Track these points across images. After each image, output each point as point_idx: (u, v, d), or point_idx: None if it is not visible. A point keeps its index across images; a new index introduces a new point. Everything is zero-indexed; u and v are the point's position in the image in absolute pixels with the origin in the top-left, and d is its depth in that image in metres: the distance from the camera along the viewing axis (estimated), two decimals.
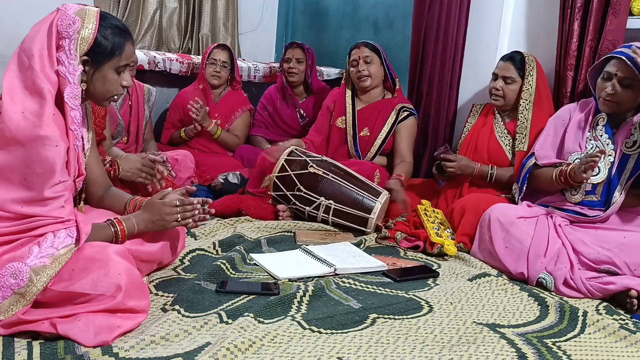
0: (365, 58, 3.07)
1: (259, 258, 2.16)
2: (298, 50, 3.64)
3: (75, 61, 1.58)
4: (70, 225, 1.54)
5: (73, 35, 1.57)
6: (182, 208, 1.75)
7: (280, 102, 3.74)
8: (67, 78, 1.57)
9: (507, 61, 2.73)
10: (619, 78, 2.20)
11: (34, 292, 1.45)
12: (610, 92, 2.21)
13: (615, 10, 2.51)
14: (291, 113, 3.70)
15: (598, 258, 2.09)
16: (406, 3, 3.78)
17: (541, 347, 1.62)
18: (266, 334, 1.55)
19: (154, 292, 1.82)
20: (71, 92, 1.58)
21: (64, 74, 1.57)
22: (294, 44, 3.69)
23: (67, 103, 1.58)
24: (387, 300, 1.88)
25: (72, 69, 1.58)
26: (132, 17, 4.26)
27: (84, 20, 1.59)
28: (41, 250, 1.48)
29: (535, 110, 2.68)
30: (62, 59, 1.57)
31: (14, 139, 1.48)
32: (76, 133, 1.63)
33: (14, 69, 1.56)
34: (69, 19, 1.58)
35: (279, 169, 2.73)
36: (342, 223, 2.63)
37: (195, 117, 3.31)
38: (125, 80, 1.70)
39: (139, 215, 1.74)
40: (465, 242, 2.44)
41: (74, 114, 1.60)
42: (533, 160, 2.45)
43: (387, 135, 3.09)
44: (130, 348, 1.44)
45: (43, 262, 1.46)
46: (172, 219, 1.74)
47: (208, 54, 3.57)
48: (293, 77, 3.64)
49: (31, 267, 1.45)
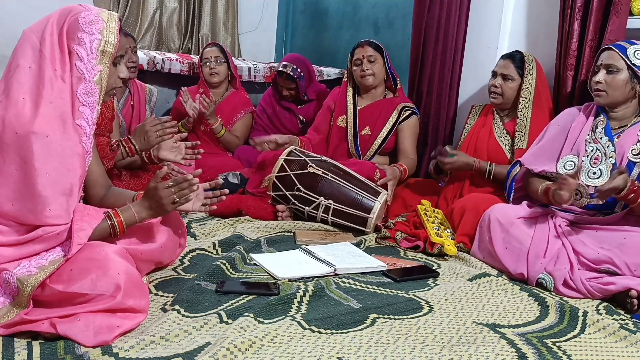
0: (369, 57, 3.06)
1: (259, 258, 2.16)
2: (288, 82, 3.53)
3: (95, 60, 1.59)
4: (65, 240, 1.54)
5: (95, 33, 1.58)
6: (176, 188, 1.67)
7: (279, 106, 3.71)
8: (84, 75, 1.58)
9: (507, 59, 2.73)
10: (605, 66, 2.23)
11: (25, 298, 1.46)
12: (597, 81, 2.24)
13: (617, 10, 2.51)
14: (290, 117, 3.67)
15: (598, 258, 2.09)
16: (406, 3, 3.78)
17: (541, 347, 1.62)
18: (266, 334, 1.55)
19: (154, 292, 1.82)
20: (84, 89, 1.59)
21: (81, 70, 1.57)
22: (283, 73, 3.51)
23: (78, 98, 1.58)
24: (387, 300, 1.88)
25: (91, 67, 1.59)
26: (132, 17, 4.27)
27: (107, 23, 1.61)
28: (30, 263, 1.50)
29: (535, 110, 2.68)
30: (81, 54, 1.57)
31: (11, 126, 1.49)
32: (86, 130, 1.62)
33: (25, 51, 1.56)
34: (92, 16, 1.60)
35: (278, 169, 2.73)
36: (342, 223, 2.63)
37: (204, 110, 3.31)
38: (122, 72, 1.71)
39: (138, 204, 1.70)
40: (465, 242, 2.44)
41: (83, 110, 1.60)
42: (517, 169, 2.45)
43: (387, 135, 3.09)
44: (130, 348, 1.44)
45: (30, 271, 1.48)
46: (169, 200, 1.67)
47: (200, 56, 3.59)
48: (285, 92, 3.60)
49: (18, 276, 1.46)
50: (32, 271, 1.47)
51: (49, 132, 1.51)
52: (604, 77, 2.23)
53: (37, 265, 1.49)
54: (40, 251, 1.53)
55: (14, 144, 1.49)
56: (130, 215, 1.68)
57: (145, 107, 3.26)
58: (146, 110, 3.26)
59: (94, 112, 1.63)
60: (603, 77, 2.23)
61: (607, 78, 2.23)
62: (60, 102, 1.56)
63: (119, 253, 1.57)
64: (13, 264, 1.49)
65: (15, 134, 1.49)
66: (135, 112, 3.19)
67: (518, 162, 2.47)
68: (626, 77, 2.21)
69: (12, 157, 1.50)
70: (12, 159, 1.50)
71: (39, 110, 1.52)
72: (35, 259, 1.51)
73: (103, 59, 1.61)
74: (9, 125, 1.50)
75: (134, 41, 3.16)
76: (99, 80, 1.62)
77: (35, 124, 1.50)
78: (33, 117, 1.50)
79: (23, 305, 1.47)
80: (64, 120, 1.56)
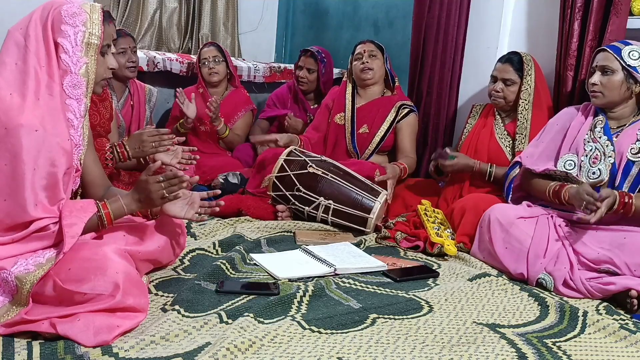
0: (371, 52, 3.10)
1: (259, 258, 2.16)
2: (310, 60, 3.58)
3: (80, 52, 1.59)
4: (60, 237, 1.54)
5: (79, 25, 1.58)
6: (166, 183, 1.68)
7: (291, 103, 3.70)
8: (70, 67, 1.58)
9: (506, 63, 2.72)
10: (600, 67, 2.24)
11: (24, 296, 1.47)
12: (593, 82, 2.24)
13: (617, 10, 2.51)
14: (302, 116, 3.66)
15: (598, 258, 2.08)
16: (406, 3, 3.78)
17: (541, 347, 1.62)
18: (266, 334, 1.55)
19: (154, 292, 1.82)
20: (71, 81, 1.59)
21: (67, 63, 1.57)
22: (308, 51, 3.60)
23: (65, 91, 1.58)
24: (387, 300, 1.88)
25: (76, 59, 1.59)
26: (132, 17, 4.27)
27: (90, 14, 1.61)
28: (28, 261, 1.50)
29: (535, 111, 2.68)
30: (66, 47, 1.58)
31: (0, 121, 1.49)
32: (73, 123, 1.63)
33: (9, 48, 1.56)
34: (75, 8, 1.60)
35: (278, 169, 2.73)
36: (342, 223, 2.62)
37: (210, 114, 3.31)
38: (111, 63, 1.71)
39: (127, 197, 1.71)
40: (465, 242, 2.44)
41: (70, 102, 1.60)
42: (516, 171, 2.45)
43: (386, 133, 3.09)
44: (130, 348, 1.44)
45: (28, 269, 1.48)
46: (158, 195, 1.68)
47: (198, 56, 3.59)
48: (303, 87, 3.62)
49: (16, 274, 1.47)
50: (30, 269, 1.47)
51: (37, 126, 1.52)
52: (600, 78, 2.23)
53: (35, 263, 1.49)
54: (36, 249, 1.54)
55: (3, 139, 1.50)
56: (118, 206, 1.68)
57: (145, 107, 3.26)
58: (146, 110, 3.26)
59: (82, 104, 1.64)
60: (598, 78, 2.24)
61: (602, 79, 2.23)
62: (47, 96, 1.56)
63: (117, 252, 1.57)
64: (10, 263, 1.49)
65: (4, 129, 1.50)
66: (135, 112, 3.18)
67: (516, 164, 2.47)
68: (621, 78, 2.21)
69: (1, 153, 1.51)
70: (2, 154, 1.51)
71: (26, 104, 1.52)
72: (32, 256, 1.51)
73: (89, 51, 1.61)
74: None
75: (133, 41, 3.15)
76: (85, 73, 1.62)
77: (24, 118, 1.50)
78: (21, 112, 1.51)
79: (23, 303, 1.47)
80: (51, 114, 1.56)
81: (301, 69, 3.60)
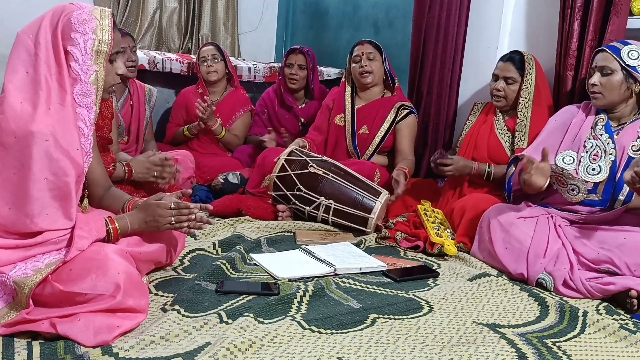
0: (369, 54, 3.07)
1: (259, 258, 2.16)
2: (300, 56, 3.56)
3: (90, 60, 1.58)
4: (63, 247, 1.54)
5: (89, 33, 1.57)
6: (177, 212, 1.72)
7: (278, 107, 3.67)
8: (80, 76, 1.57)
9: (507, 61, 2.73)
10: (599, 68, 2.24)
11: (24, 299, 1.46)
12: (592, 83, 2.25)
13: (617, 10, 2.51)
14: (290, 118, 3.66)
15: (598, 258, 2.09)
16: (406, 3, 3.78)
17: (541, 347, 1.62)
18: (266, 334, 1.55)
19: (154, 292, 1.82)
20: (81, 90, 1.58)
21: (76, 71, 1.57)
22: (296, 49, 3.60)
23: (75, 100, 1.58)
24: (387, 300, 1.88)
25: (86, 67, 1.58)
26: (132, 17, 4.27)
27: (100, 21, 1.59)
28: (26, 266, 1.49)
29: (535, 108, 2.68)
30: (75, 55, 1.56)
31: (9, 129, 1.48)
32: (84, 132, 1.62)
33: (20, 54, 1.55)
34: (85, 15, 1.58)
35: (279, 168, 2.73)
36: (342, 223, 2.63)
37: (201, 115, 3.31)
38: (119, 69, 1.70)
39: (133, 215, 1.73)
40: (465, 242, 2.44)
41: (80, 111, 1.59)
42: (513, 168, 2.45)
43: (385, 134, 3.09)
44: (130, 348, 1.44)
45: (26, 273, 1.47)
46: (165, 221, 1.72)
47: (198, 55, 3.60)
48: (294, 84, 3.57)
49: (14, 279, 1.46)
50: (28, 273, 1.47)
51: (48, 136, 1.51)
52: (599, 79, 2.24)
53: (33, 268, 1.48)
54: (37, 254, 1.53)
55: (13, 147, 1.49)
56: (124, 224, 1.71)
57: (145, 107, 3.26)
58: (145, 110, 3.26)
59: (92, 112, 1.63)
60: (598, 79, 2.24)
61: (602, 80, 2.23)
62: (59, 106, 1.55)
63: (118, 253, 1.57)
64: (9, 267, 1.49)
65: (14, 138, 1.49)
66: (134, 112, 3.18)
67: (513, 161, 2.47)
68: (621, 78, 2.21)
69: (11, 162, 1.50)
70: (11, 163, 1.50)
71: (37, 113, 1.51)
72: (31, 261, 1.50)
73: (98, 59, 1.60)
74: (7, 130, 1.49)
75: (133, 41, 3.15)
76: (94, 81, 1.61)
77: (34, 128, 1.49)
78: (31, 121, 1.50)
79: (23, 305, 1.47)
80: (62, 123, 1.55)
81: (291, 67, 3.54)
